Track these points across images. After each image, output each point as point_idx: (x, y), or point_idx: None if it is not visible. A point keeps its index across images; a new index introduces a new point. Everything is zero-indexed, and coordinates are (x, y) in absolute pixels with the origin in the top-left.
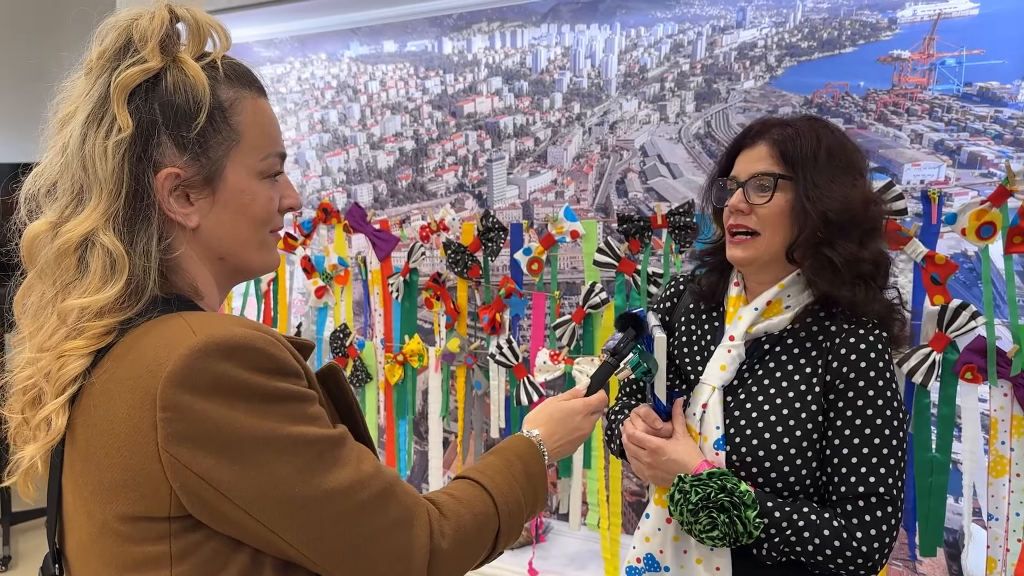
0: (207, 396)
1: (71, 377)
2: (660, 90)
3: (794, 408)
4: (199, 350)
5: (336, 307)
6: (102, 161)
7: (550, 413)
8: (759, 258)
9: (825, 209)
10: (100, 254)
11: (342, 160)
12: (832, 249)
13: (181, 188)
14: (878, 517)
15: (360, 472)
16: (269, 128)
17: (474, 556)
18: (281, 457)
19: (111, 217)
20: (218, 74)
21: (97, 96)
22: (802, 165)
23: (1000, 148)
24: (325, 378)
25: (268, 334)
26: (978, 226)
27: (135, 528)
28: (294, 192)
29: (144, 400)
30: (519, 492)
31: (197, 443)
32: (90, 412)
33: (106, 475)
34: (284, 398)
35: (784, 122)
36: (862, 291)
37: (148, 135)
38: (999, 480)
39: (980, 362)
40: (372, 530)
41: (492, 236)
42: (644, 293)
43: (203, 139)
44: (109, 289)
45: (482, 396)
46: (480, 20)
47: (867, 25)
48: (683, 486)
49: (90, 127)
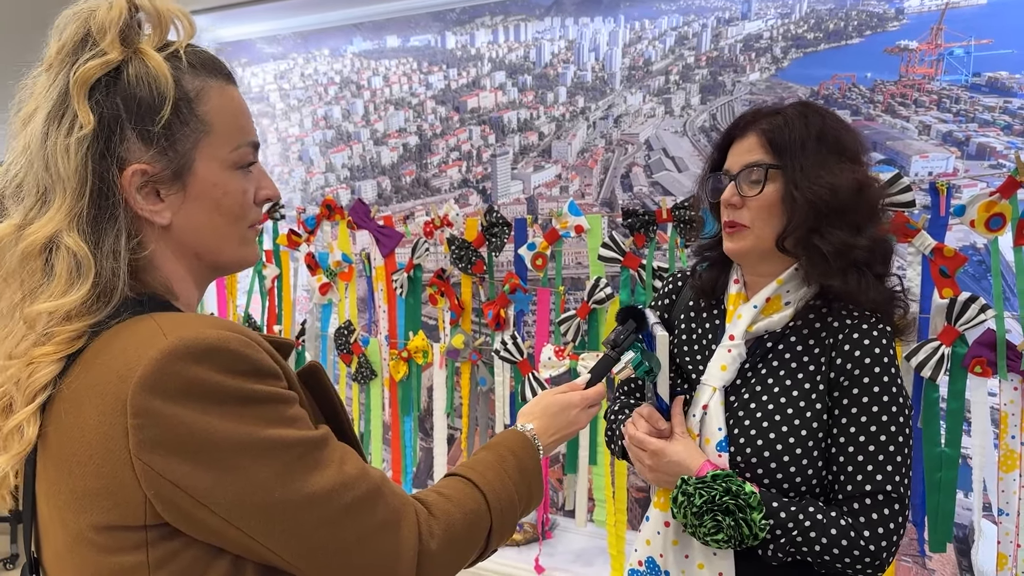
0: (179, 401)
1: (41, 384)
2: (665, 83)
3: (798, 406)
4: (169, 353)
5: (340, 304)
6: (64, 159)
7: (545, 407)
8: (753, 250)
9: (813, 197)
10: (65, 256)
11: (346, 156)
12: (821, 238)
13: (150, 184)
14: (885, 515)
15: (343, 474)
16: (239, 117)
17: (465, 556)
18: (258, 461)
19: (75, 217)
20: (182, 64)
21: (57, 92)
22: (790, 153)
23: (1009, 139)
24: (307, 377)
25: (243, 334)
26: (987, 218)
27: (110, 537)
28: (270, 182)
29: (114, 406)
30: (512, 489)
31: (170, 449)
32: (61, 419)
33: (79, 484)
34: (260, 400)
35: (774, 110)
36: (855, 279)
37: (111, 130)
38: (1009, 475)
39: (989, 356)
40: (357, 534)
41: (496, 231)
42: (649, 288)
43: (169, 132)
44: (75, 292)
45: (487, 392)
46: (483, 14)
47: (874, 15)
48: (687, 488)
49: (51, 125)
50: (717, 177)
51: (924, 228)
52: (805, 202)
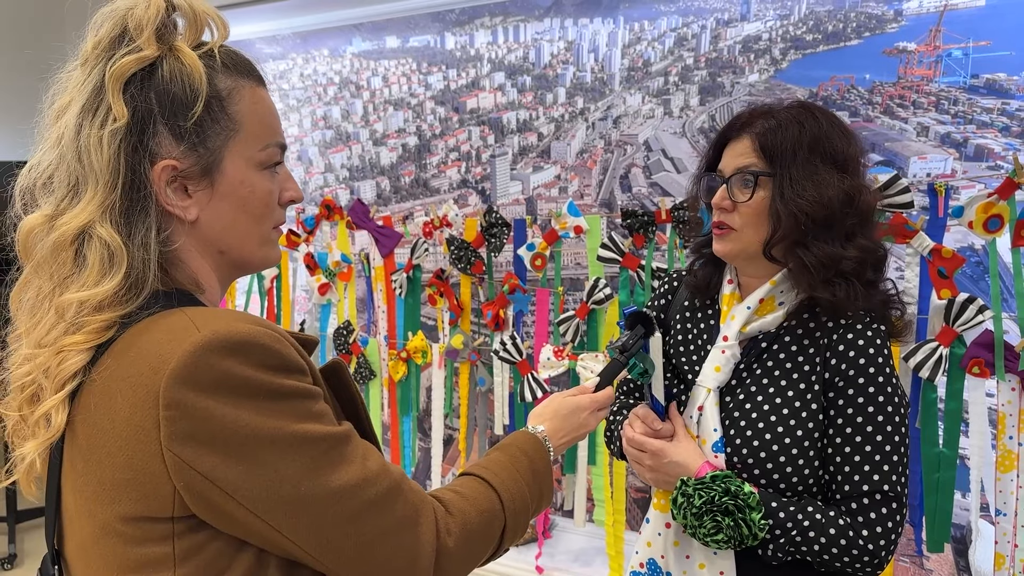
0: (211, 394)
1: (70, 373)
2: (664, 84)
3: (794, 407)
4: (203, 346)
5: (339, 304)
6: (97, 151)
7: (556, 409)
8: (740, 253)
9: (797, 210)
10: (98, 246)
11: (345, 156)
12: (806, 249)
13: (179, 180)
14: (883, 514)
15: (366, 470)
16: (268, 118)
17: (480, 554)
18: (287, 455)
19: (108, 209)
20: (215, 63)
21: (92, 86)
22: (780, 161)
23: (1007, 140)
24: (329, 374)
25: (272, 330)
26: (985, 219)
27: (138, 529)
28: (295, 185)
29: (147, 398)
30: (525, 489)
31: (201, 442)
32: (91, 410)
33: (108, 475)
34: (289, 395)
35: (770, 112)
36: (843, 289)
37: (144, 125)
38: (1007, 475)
39: (987, 356)
40: (378, 529)
41: (495, 232)
42: (648, 288)
43: (200, 129)
44: (108, 282)
45: (486, 392)
46: (483, 15)
47: (872, 17)
48: (686, 489)
49: (85, 118)
50: (711, 177)
51: (922, 229)
52: (789, 214)
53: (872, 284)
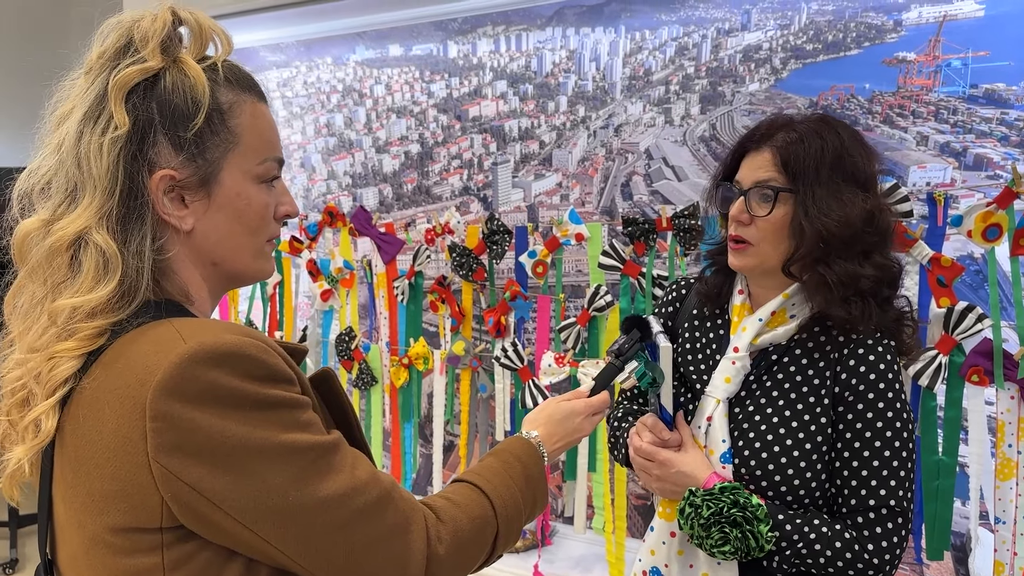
0: (197, 405)
1: (61, 379)
2: (665, 93)
3: (803, 420)
4: (189, 358)
5: (341, 310)
6: (97, 158)
7: (550, 414)
8: (758, 267)
9: (822, 228)
10: (93, 253)
11: (347, 164)
12: (827, 267)
13: (176, 190)
14: (889, 529)
15: (355, 479)
16: (267, 133)
17: (472, 561)
18: (274, 465)
19: (104, 215)
20: (218, 76)
21: (95, 94)
22: (803, 178)
23: (1006, 150)
24: (319, 383)
25: (259, 340)
26: (984, 228)
27: (127, 539)
28: (291, 199)
29: (133, 410)
30: (518, 495)
31: (188, 453)
32: (79, 421)
33: (96, 486)
34: (276, 405)
35: (791, 124)
36: (858, 308)
37: (144, 134)
38: (1006, 483)
39: (986, 364)
40: (368, 537)
41: (497, 239)
42: (649, 296)
43: (200, 140)
44: (102, 289)
45: (487, 399)
46: (485, 24)
47: (872, 27)
48: (694, 500)
49: (86, 124)
50: (728, 187)
51: (922, 238)
52: (814, 232)
53: (887, 300)
